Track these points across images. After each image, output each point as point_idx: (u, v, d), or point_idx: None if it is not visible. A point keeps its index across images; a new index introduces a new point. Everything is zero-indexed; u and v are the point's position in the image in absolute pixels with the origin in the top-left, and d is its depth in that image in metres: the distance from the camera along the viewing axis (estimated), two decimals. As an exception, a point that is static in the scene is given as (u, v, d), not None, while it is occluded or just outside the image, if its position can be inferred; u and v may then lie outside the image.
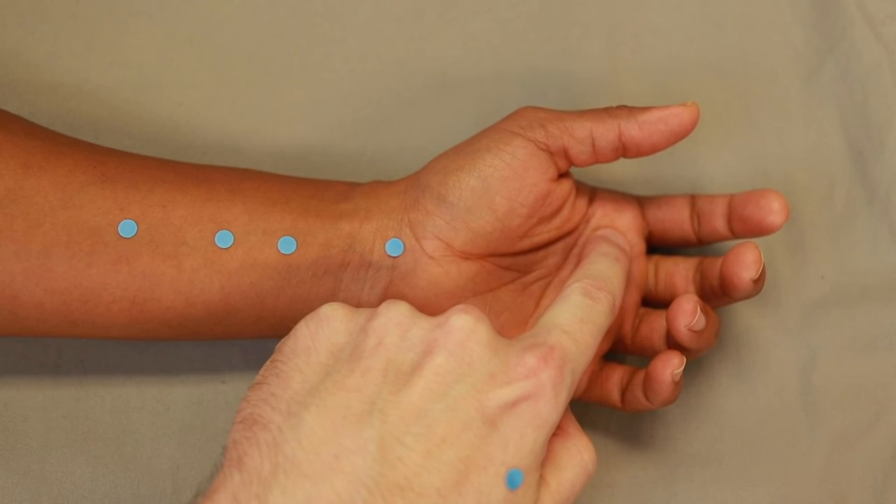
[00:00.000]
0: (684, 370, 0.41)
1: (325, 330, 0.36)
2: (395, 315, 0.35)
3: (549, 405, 0.34)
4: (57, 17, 0.50)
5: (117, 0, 0.50)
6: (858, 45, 0.51)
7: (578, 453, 0.36)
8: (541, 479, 0.35)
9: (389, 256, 0.41)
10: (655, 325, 0.44)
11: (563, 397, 0.35)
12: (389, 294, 0.41)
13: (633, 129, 0.41)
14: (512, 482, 0.33)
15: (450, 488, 0.32)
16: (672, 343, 0.42)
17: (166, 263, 0.39)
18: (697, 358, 0.47)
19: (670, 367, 0.41)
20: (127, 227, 0.39)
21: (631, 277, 0.45)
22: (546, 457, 0.36)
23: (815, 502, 0.46)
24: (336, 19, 0.51)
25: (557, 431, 0.37)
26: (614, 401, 0.44)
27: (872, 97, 0.51)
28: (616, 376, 0.44)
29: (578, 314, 0.37)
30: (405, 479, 0.32)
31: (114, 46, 0.50)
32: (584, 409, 0.47)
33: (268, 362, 0.36)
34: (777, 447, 0.47)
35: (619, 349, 0.46)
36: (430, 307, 0.41)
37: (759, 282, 0.41)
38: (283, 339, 0.36)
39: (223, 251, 0.40)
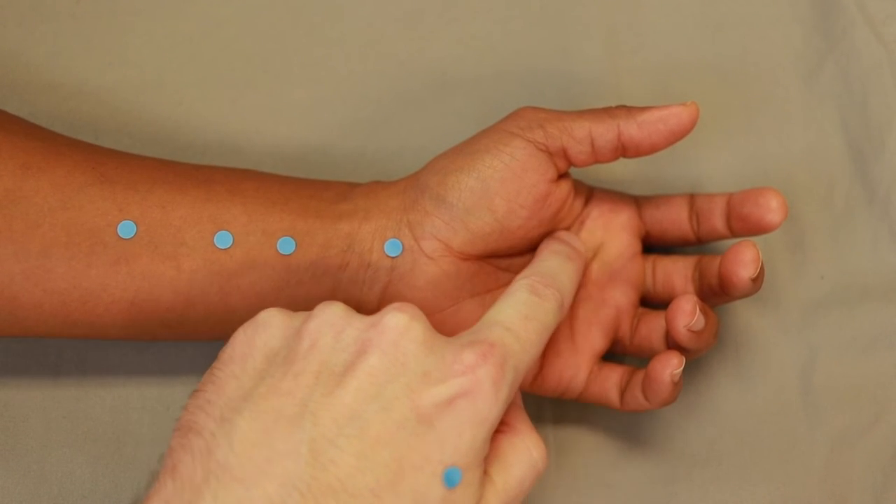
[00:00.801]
0: (683, 370, 0.41)
1: (261, 335, 0.35)
2: (329, 316, 0.35)
3: (488, 402, 0.33)
4: (57, 17, 0.50)
5: (117, 0, 0.50)
6: (858, 45, 0.51)
7: (527, 450, 0.36)
8: (486, 477, 0.35)
9: (388, 257, 0.41)
10: (654, 325, 0.44)
11: (504, 394, 0.34)
12: (388, 294, 0.41)
13: (633, 129, 0.41)
14: (450, 480, 0.33)
15: (384, 488, 0.32)
16: (671, 343, 0.42)
17: (165, 264, 0.39)
18: (696, 358, 0.47)
19: (669, 367, 0.40)
20: (126, 228, 0.39)
21: (627, 277, 0.45)
22: (492, 454, 0.35)
23: (815, 502, 0.46)
24: (336, 19, 0.51)
25: (505, 428, 0.36)
26: (613, 401, 0.44)
27: (872, 97, 0.51)
28: (615, 377, 0.44)
29: (523, 311, 0.37)
30: (338, 480, 0.31)
31: (114, 46, 0.50)
32: (584, 409, 0.47)
33: (207, 370, 0.36)
34: (777, 447, 0.47)
35: (617, 350, 0.46)
36: (429, 307, 0.41)
37: (757, 280, 0.41)
38: (223, 347, 0.36)
39: (222, 252, 0.40)
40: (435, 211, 0.41)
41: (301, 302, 0.41)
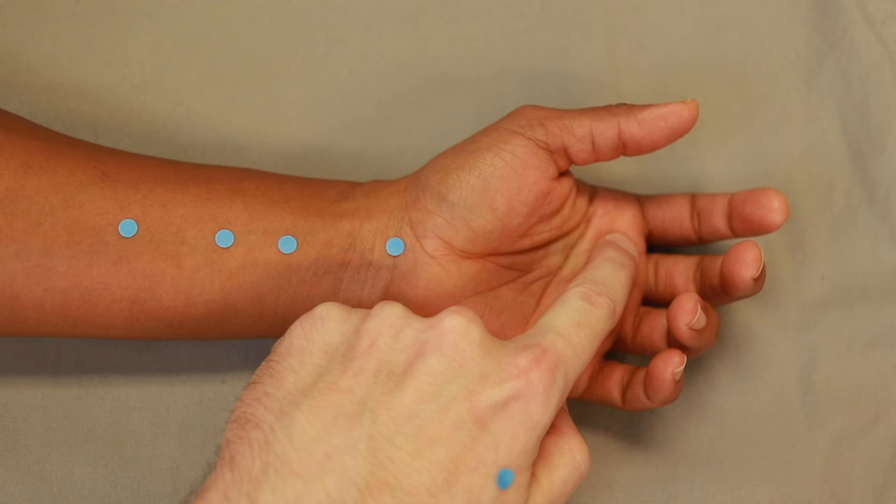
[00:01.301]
0: (684, 369, 0.41)
1: (319, 330, 0.36)
2: (388, 316, 0.36)
3: (540, 407, 0.34)
4: (57, 17, 0.50)
5: (117, 0, 0.50)
6: (858, 45, 0.51)
7: (571, 452, 0.36)
8: (532, 478, 0.35)
9: (390, 256, 0.41)
10: (656, 323, 0.44)
11: (555, 399, 0.35)
12: (390, 293, 0.41)
13: (633, 127, 0.41)
14: (503, 482, 0.33)
15: (440, 488, 0.32)
16: (672, 342, 0.42)
17: (167, 263, 0.39)
18: (698, 356, 0.47)
19: (671, 365, 0.41)
20: (127, 227, 0.39)
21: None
22: (538, 455, 0.36)
23: (815, 502, 0.46)
24: (336, 19, 0.51)
25: (551, 430, 0.37)
26: (615, 400, 0.44)
27: (872, 97, 0.51)
28: (617, 375, 0.44)
29: (576, 318, 0.37)
30: (394, 478, 0.32)
31: (114, 46, 0.50)
32: (584, 408, 0.47)
33: (263, 362, 0.36)
34: (777, 447, 0.47)
35: (619, 348, 0.46)
36: (431, 306, 0.41)
37: (759, 280, 0.41)
38: (279, 340, 0.36)
39: (223, 250, 0.40)
40: (436, 209, 0.41)
41: (302, 301, 0.41)
